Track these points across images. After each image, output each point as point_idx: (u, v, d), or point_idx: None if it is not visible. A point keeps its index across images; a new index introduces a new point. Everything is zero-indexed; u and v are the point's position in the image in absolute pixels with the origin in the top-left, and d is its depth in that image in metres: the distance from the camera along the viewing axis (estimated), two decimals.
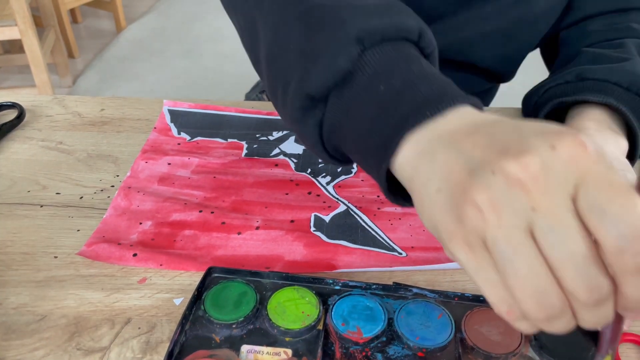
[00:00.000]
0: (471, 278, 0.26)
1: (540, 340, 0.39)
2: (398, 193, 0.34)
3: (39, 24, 2.18)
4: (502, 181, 0.24)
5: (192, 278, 0.46)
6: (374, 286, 0.43)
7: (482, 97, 0.82)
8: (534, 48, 0.73)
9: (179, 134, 0.63)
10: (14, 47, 2.34)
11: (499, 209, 0.24)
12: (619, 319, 0.26)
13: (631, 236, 0.22)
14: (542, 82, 0.63)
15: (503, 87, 0.84)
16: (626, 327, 0.39)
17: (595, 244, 0.23)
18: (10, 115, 0.65)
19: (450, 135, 0.29)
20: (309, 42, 0.36)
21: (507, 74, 0.74)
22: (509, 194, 0.24)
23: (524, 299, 0.24)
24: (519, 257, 0.24)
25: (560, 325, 0.25)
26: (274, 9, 0.39)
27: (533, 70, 0.86)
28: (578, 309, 0.24)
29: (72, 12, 2.79)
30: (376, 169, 0.33)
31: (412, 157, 0.30)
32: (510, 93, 0.97)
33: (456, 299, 0.42)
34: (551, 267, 0.24)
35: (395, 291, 0.43)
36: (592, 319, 0.25)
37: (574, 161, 0.24)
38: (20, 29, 1.87)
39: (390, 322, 0.41)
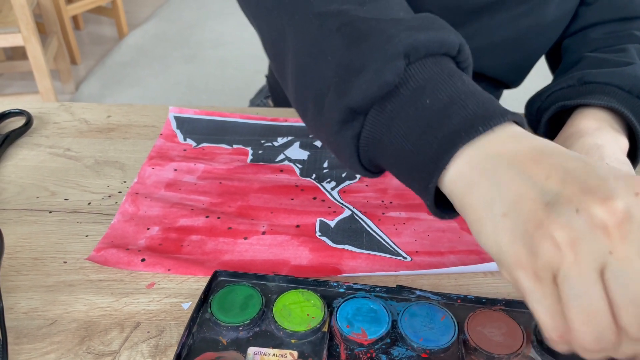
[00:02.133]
0: (529, 303, 0.28)
1: (542, 341, 0.39)
2: (440, 206, 0.34)
3: (42, 31, 2.19)
4: (586, 222, 0.26)
5: (199, 283, 0.47)
6: (378, 289, 0.44)
7: None
8: (543, 55, 0.74)
9: (185, 140, 0.64)
10: (17, 53, 2.35)
11: (578, 249, 0.25)
12: None
13: None
14: (546, 87, 0.64)
15: (505, 91, 0.84)
16: None
17: None
18: (18, 122, 0.66)
19: (512, 157, 0.29)
20: (351, 54, 0.36)
21: (515, 82, 0.75)
22: (590, 235, 0.25)
23: (583, 332, 0.26)
24: (588, 296, 0.25)
25: (601, 356, 0.27)
26: (310, 19, 0.39)
27: (535, 75, 0.86)
28: (623, 342, 0.26)
29: (74, 18, 2.81)
30: (422, 183, 0.33)
31: (467, 174, 0.31)
32: (512, 98, 0.98)
33: (459, 301, 0.43)
34: (613, 305, 0.26)
35: (398, 294, 0.44)
36: (630, 351, 0.27)
37: None
38: (23, 36, 1.88)
39: (394, 324, 0.41)
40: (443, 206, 0.34)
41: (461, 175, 0.31)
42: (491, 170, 0.30)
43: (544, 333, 0.28)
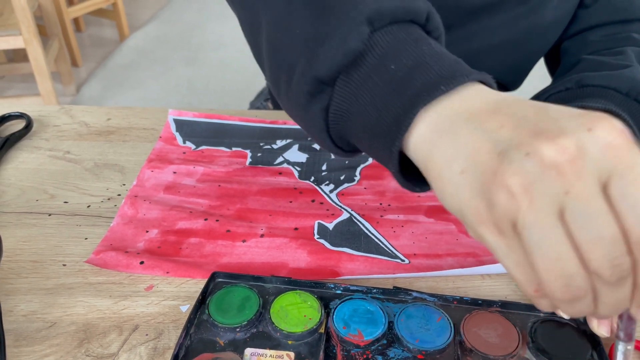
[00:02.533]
0: (499, 259, 0.27)
1: (537, 342, 0.39)
2: (409, 177, 0.34)
3: (43, 33, 2.20)
4: (537, 164, 0.24)
5: (197, 285, 0.47)
6: (375, 290, 0.44)
7: None
8: (542, 56, 0.74)
9: (184, 143, 0.64)
10: (18, 55, 2.36)
11: (532, 193, 0.24)
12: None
13: None
14: (544, 89, 0.64)
15: None
16: None
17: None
18: (18, 125, 0.66)
19: (471, 114, 0.29)
20: (317, 25, 0.36)
21: (514, 84, 0.75)
22: (543, 177, 0.24)
23: (551, 281, 0.25)
24: (549, 241, 0.24)
25: (580, 307, 0.26)
26: None
27: (534, 77, 0.87)
28: (600, 289, 0.25)
29: (75, 21, 2.82)
30: (387, 150, 0.33)
31: (428, 135, 0.30)
32: None
33: (455, 302, 0.43)
34: (578, 249, 0.24)
35: (395, 295, 0.44)
36: (612, 300, 0.26)
37: (610, 147, 0.24)
38: (24, 38, 1.89)
39: (390, 326, 0.42)
40: (415, 180, 0.34)
41: (423, 138, 0.30)
42: (449, 128, 0.29)
43: (520, 288, 0.27)
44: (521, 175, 0.25)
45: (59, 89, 2.31)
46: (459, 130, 0.29)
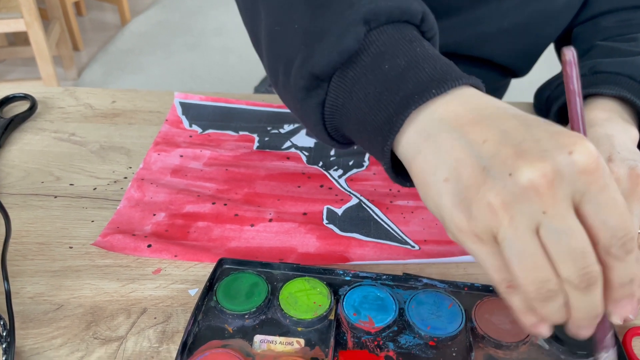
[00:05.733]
0: (477, 261, 0.29)
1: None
2: (400, 173, 0.35)
3: (44, 17, 2.18)
4: (518, 185, 0.26)
5: (206, 269, 0.46)
6: (384, 277, 0.44)
7: (495, 93, 0.82)
8: (552, 42, 0.73)
9: (191, 126, 0.63)
10: (19, 39, 2.34)
11: (513, 211, 0.27)
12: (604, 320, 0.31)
13: (623, 238, 0.27)
14: (556, 75, 0.63)
15: (514, 82, 0.84)
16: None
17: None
18: (22, 106, 0.65)
19: (454, 121, 0.30)
20: (315, 22, 0.37)
21: (523, 70, 0.74)
22: (523, 197, 0.27)
23: (526, 285, 0.27)
24: (526, 253, 0.27)
25: (552, 307, 0.28)
26: None
27: (543, 64, 0.86)
28: (571, 293, 0.28)
29: (77, 4, 2.79)
30: (379, 148, 0.34)
31: (415, 139, 0.31)
32: (519, 88, 0.97)
33: (466, 289, 0.43)
34: (551, 259, 0.27)
35: (405, 282, 0.44)
36: (583, 305, 0.28)
37: (585, 172, 0.27)
38: (26, 21, 1.87)
39: (401, 312, 0.41)
40: (407, 174, 0.34)
41: (410, 140, 0.32)
42: (435, 135, 0.30)
43: (495, 285, 0.29)
44: (503, 194, 0.27)
45: (60, 73, 2.30)
46: (443, 138, 0.30)
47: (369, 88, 0.34)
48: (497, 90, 0.82)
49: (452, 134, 0.30)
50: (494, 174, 0.27)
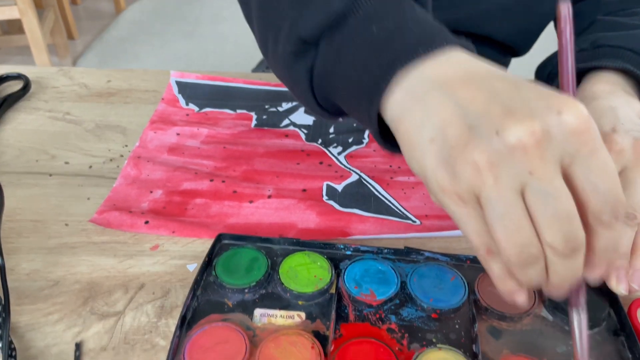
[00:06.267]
0: (457, 224, 0.28)
1: (553, 300, 0.39)
2: (388, 138, 0.34)
3: (39, 5, 2.15)
4: (505, 143, 0.25)
5: (204, 245, 0.46)
6: (386, 250, 0.43)
7: None
8: (552, 20, 0.72)
9: (187, 105, 0.63)
10: (13, 27, 2.32)
11: (498, 171, 0.26)
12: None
13: (613, 205, 0.26)
14: (555, 51, 0.62)
15: (514, 61, 0.83)
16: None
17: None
18: (16, 86, 0.64)
19: (445, 81, 0.29)
20: None
21: (524, 48, 0.73)
22: (509, 157, 0.25)
23: (507, 249, 0.26)
24: (509, 215, 0.26)
25: (532, 273, 0.27)
26: None
27: (543, 41, 0.85)
28: (552, 259, 0.27)
29: None
30: (366, 112, 0.33)
31: (402, 98, 0.30)
32: (519, 67, 0.96)
33: (468, 262, 0.42)
34: (535, 223, 0.26)
35: (407, 255, 0.43)
36: (563, 270, 0.27)
37: (575, 133, 0.26)
38: (20, 9, 1.85)
39: (403, 285, 0.41)
40: (394, 141, 0.33)
41: (398, 101, 0.31)
42: (422, 95, 0.29)
43: (473, 248, 0.28)
44: (489, 153, 0.26)
45: (55, 61, 2.28)
46: (431, 97, 0.29)
47: (357, 52, 0.33)
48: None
49: (441, 94, 0.29)
50: (481, 132, 0.26)
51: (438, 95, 0.29)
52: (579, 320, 0.31)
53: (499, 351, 0.36)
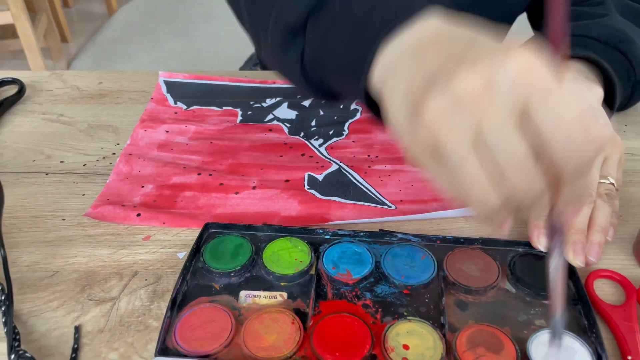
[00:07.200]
0: (432, 177, 0.29)
1: (516, 274, 0.42)
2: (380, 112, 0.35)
3: (31, 9, 2.17)
4: (452, 94, 0.26)
5: (193, 234, 0.49)
6: (362, 233, 0.46)
7: None
8: (523, 12, 0.74)
9: (176, 103, 0.65)
10: (7, 32, 2.33)
11: (449, 122, 0.26)
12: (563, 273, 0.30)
13: (580, 142, 0.25)
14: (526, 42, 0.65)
15: None
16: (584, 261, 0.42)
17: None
18: (11, 90, 0.67)
19: (415, 44, 0.31)
20: None
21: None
22: (457, 106, 0.26)
23: (469, 199, 0.27)
24: (464, 166, 0.26)
25: (502, 216, 0.28)
26: None
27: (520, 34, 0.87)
28: (517, 205, 0.27)
29: None
30: (356, 87, 0.34)
31: (380, 72, 0.32)
32: None
33: (438, 241, 0.45)
34: (492, 173, 0.26)
35: (381, 237, 0.46)
36: (530, 212, 0.27)
37: (523, 77, 0.25)
38: (12, 14, 1.87)
39: (377, 265, 0.44)
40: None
41: (379, 75, 0.33)
42: (397, 62, 0.31)
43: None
44: (439, 104, 0.26)
45: (50, 65, 2.30)
46: (403, 62, 0.30)
47: (340, 32, 0.35)
48: None
49: (411, 58, 0.30)
50: (434, 86, 0.27)
51: (408, 59, 0.30)
52: (555, 265, 0.30)
53: (465, 321, 0.39)
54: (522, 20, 0.75)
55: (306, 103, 0.65)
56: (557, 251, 0.30)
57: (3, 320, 0.40)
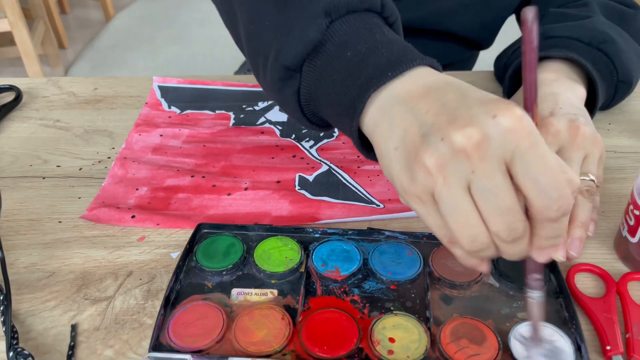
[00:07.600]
0: (422, 220, 0.33)
1: (499, 269, 0.43)
2: (372, 150, 0.38)
3: (28, 16, 2.19)
4: (449, 148, 0.29)
5: (186, 235, 0.50)
6: (350, 232, 0.47)
7: (463, 65, 0.86)
8: (512, 13, 0.76)
9: (170, 108, 0.67)
10: (4, 40, 2.35)
11: (445, 172, 0.29)
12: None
13: (556, 197, 0.29)
14: (512, 43, 0.66)
15: (483, 54, 0.87)
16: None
17: (519, 194, 0.29)
18: (8, 97, 0.68)
19: (406, 96, 0.34)
20: (282, 17, 0.40)
21: (487, 41, 0.78)
22: (453, 159, 0.29)
23: (461, 239, 0.31)
24: (458, 210, 0.30)
25: (487, 254, 0.32)
26: None
27: (511, 37, 0.89)
28: (501, 245, 0.31)
29: (60, 2, 2.80)
30: (348, 128, 0.37)
31: (375, 116, 0.35)
32: (489, 60, 1.00)
33: (424, 238, 0.47)
34: (482, 216, 0.30)
35: (369, 235, 0.47)
36: (511, 252, 0.32)
37: (511, 132, 0.29)
38: (10, 21, 1.89)
39: (365, 262, 0.45)
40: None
41: (371, 117, 0.35)
42: (389, 109, 0.34)
43: (439, 239, 0.33)
44: (436, 157, 0.30)
45: (47, 71, 2.31)
46: (395, 111, 0.33)
47: (335, 74, 0.38)
48: (465, 61, 0.86)
49: (403, 108, 0.33)
50: (430, 139, 0.30)
51: (400, 109, 0.33)
52: (535, 300, 0.35)
53: (449, 315, 0.41)
54: (511, 20, 0.77)
55: None
56: (536, 291, 0.34)
57: (2, 319, 0.41)
